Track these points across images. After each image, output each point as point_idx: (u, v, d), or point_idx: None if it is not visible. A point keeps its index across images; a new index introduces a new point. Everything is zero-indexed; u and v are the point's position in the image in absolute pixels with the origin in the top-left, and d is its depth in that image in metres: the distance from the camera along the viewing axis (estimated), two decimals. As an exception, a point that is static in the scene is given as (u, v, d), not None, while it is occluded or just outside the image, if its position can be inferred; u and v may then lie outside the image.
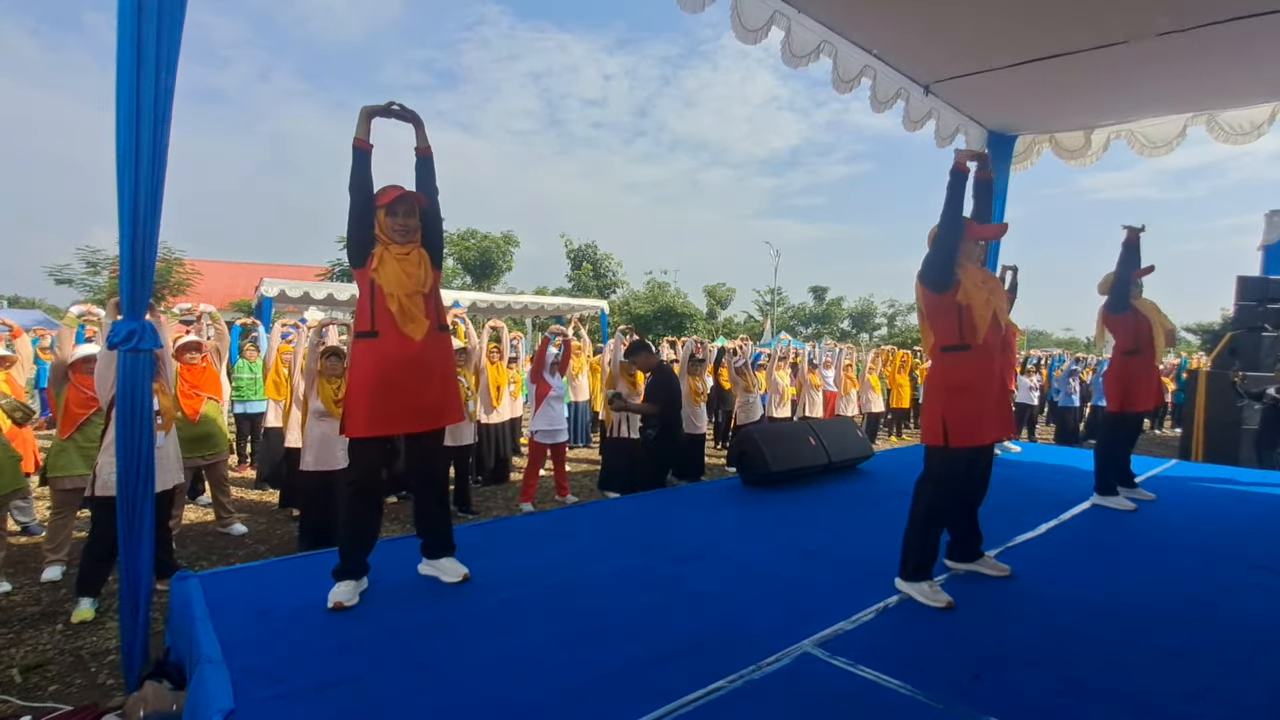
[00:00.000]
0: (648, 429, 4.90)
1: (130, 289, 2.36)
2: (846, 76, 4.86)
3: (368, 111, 2.49)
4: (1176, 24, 4.16)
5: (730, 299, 35.23)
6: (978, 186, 2.87)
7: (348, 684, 1.90)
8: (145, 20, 2.21)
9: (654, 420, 4.80)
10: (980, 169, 2.84)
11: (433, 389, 2.50)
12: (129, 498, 2.44)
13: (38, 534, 4.83)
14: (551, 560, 3.04)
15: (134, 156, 2.26)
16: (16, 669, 2.99)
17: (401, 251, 2.48)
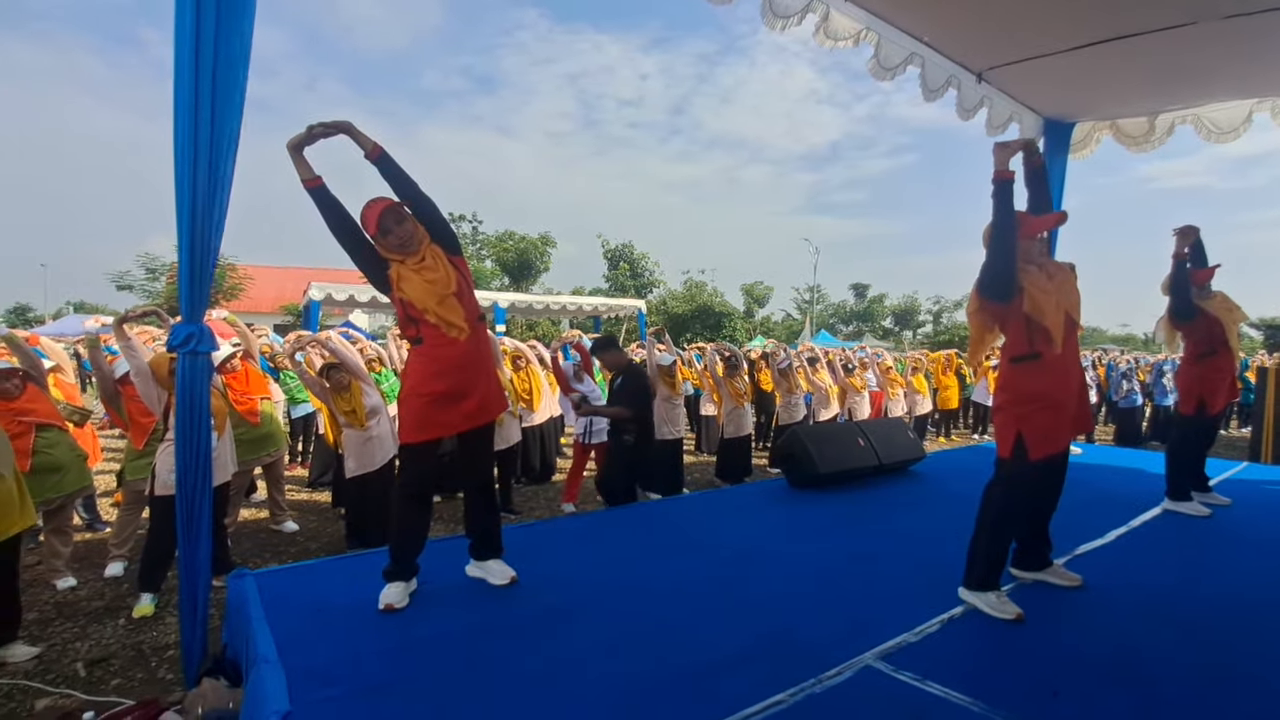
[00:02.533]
0: (624, 434, 4.50)
1: (189, 294, 2.41)
2: (888, 64, 4.69)
3: (292, 147, 2.34)
4: (1242, 7, 3.92)
5: (768, 297, 34.91)
6: (1030, 176, 2.71)
7: (401, 686, 1.89)
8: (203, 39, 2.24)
9: (629, 425, 4.44)
10: (1028, 158, 2.68)
11: (479, 386, 2.48)
12: (187, 496, 2.49)
13: (101, 530, 5.03)
14: (598, 563, 3.00)
15: (191, 166, 2.29)
16: (81, 663, 3.09)
17: (416, 262, 2.40)
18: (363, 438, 4.60)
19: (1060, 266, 2.54)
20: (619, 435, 4.48)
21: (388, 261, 2.39)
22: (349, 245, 2.38)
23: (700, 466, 7.89)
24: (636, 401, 4.39)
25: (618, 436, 4.48)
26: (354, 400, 4.55)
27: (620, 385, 4.44)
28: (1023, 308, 2.42)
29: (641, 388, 4.51)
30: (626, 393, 4.38)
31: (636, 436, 4.42)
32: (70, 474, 3.80)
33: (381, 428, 4.69)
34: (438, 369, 2.40)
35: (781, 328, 33.28)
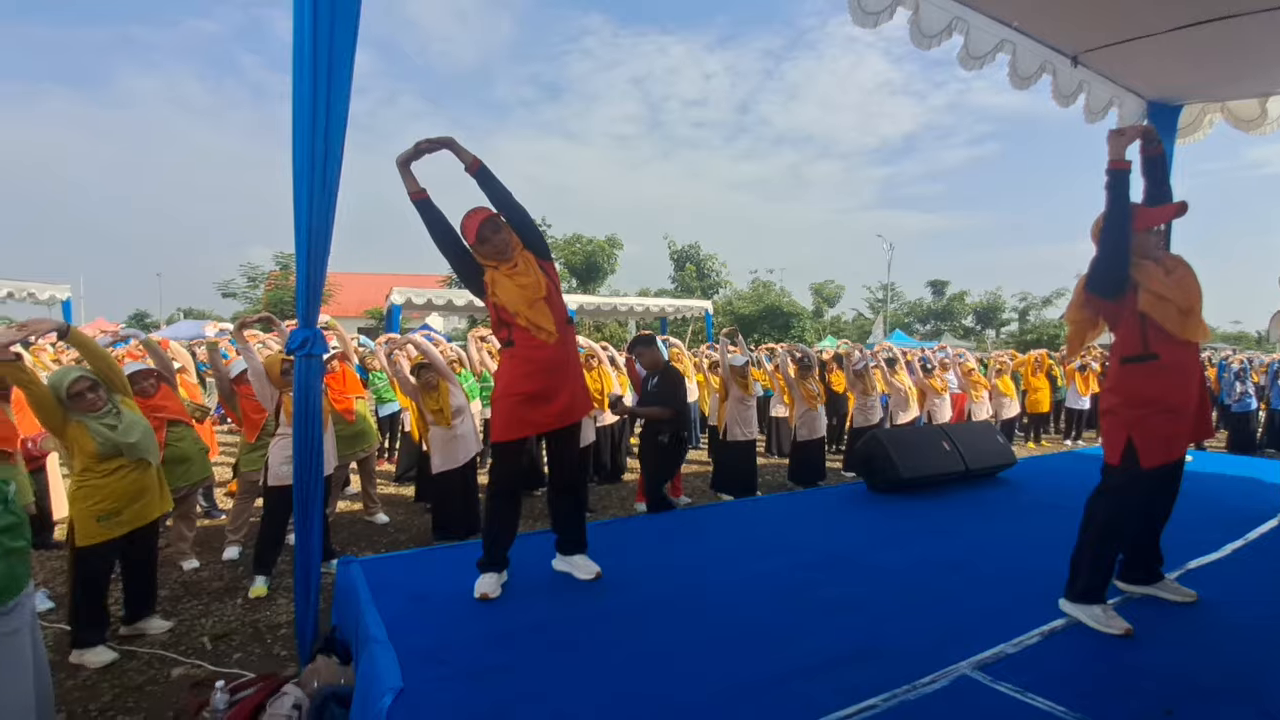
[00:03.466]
0: (659, 435, 4.47)
1: (304, 302, 2.61)
2: (978, 53, 4.51)
3: (401, 163, 2.50)
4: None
5: (839, 296, 34.01)
6: (1148, 165, 2.54)
7: (501, 672, 1.99)
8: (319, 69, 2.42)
9: (664, 426, 4.41)
10: (1146, 146, 2.52)
11: (566, 387, 2.57)
12: (302, 487, 2.70)
13: (218, 517, 5.50)
14: (679, 561, 3.04)
15: (309, 185, 2.49)
16: (206, 637, 3.40)
17: (509, 268, 2.52)
18: (448, 436, 4.82)
19: (1179, 261, 2.39)
20: (654, 436, 4.48)
21: (483, 268, 2.52)
22: (449, 253, 2.53)
23: (771, 469, 7.81)
24: (671, 402, 4.38)
25: (652, 437, 4.49)
26: (441, 400, 4.78)
27: (656, 385, 4.43)
28: (1137, 305, 2.29)
29: (677, 388, 4.50)
30: (662, 393, 4.37)
31: (671, 437, 4.42)
32: (195, 465, 4.18)
33: (465, 427, 4.91)
34: (527, 370, 2.51)
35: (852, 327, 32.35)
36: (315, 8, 2.39)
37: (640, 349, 4.65)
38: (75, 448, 2.86)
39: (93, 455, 2.86)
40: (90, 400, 2.88)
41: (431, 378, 4.83)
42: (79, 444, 2.85)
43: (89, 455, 2.86)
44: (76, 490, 2.92)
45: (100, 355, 3.08)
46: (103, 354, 3.12)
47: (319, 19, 2.41)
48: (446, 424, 4.80)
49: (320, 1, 2.38)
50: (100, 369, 3.02)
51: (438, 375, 4.85)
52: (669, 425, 4.39)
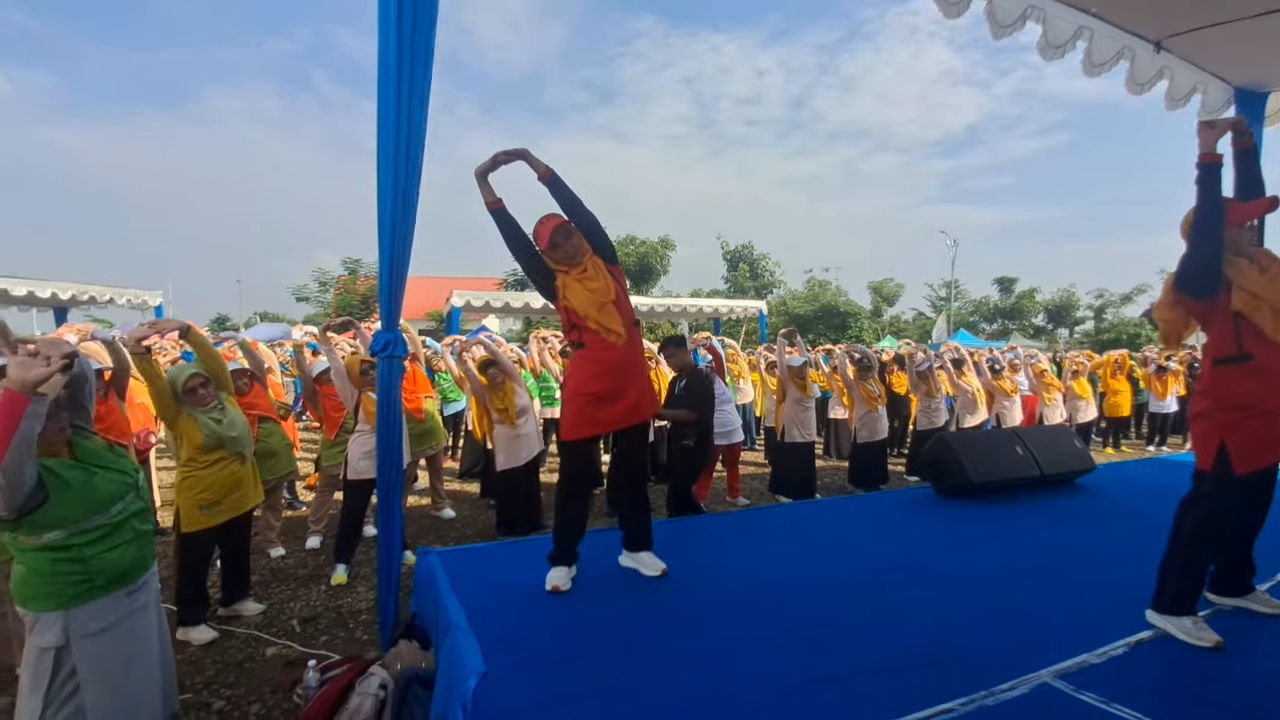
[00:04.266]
0: (684, 438, 4.50)
1: (387, 307, 2.77)
2: (1056, 42, 4.35)
3: (479, 174, 2.63)
4: None
5: (898, 295, 32.98)
6: (1240, 158, 2.41)
7: (574, 661, 2.08)
8: (402, 77, 2.57)
9: (690, 428, 4.42)
10: (1238, 139, 2.39)
11: (633, 388, 2.64)
12: (385, 481, 2.86)
13: (299, 509, 5.84)
14: (743, 561, 3.07)
15: (391, 196, 2.64)
16: (296, 620, 3.63)
17: (579, 272, 2.60)
18: (512, 435, 4.97)
19: (1274, 258, 2.26)
20: (679, 438, 4.49)
21: (555, 272, 2.62)
22: (522, 258, 2.64)
23: (830, 471, 7.69)
24: (699, 404, 4.38)
25: (678, 439, 4.49)
26: (507, 399, 4.94)
27: (684, 388, 4.45)
28: (1230, 304, 2.18)
29: (705, 391, 4.51)
30: (689, 395, 4.39)
31: (696, 440, 4.43)
32: (282, 459, 4.46)
33: (529, 426, 5.05)
34: (596, 371, 2.59)
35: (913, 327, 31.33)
36: (399, 28, 2.54)
37: (671, 350, 4.71)
38: (184, 439, 3.12)
39: (199, 446, 3.11)
40: (201, 395, 3.14)
41: (498, 377, 5.00)
42: (188, 435, 3.11)
43: (195, 446, 3.11)
44: (182, 481, 3.18)
45: (213, 354, 3.35)
46: (215, 354, 3.39)
47: (402, 38, 2.55)
48: (511, 423, 4.95)
49: (404, 21, 2.53)
50: (211, 367, 3.28)
51: (504, 375, 5.01)
52: (694, 428, 4.43)
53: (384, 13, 2.55)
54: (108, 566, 2.07)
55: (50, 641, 2.01)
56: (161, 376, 3.07)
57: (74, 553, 2.02)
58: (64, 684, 2.03)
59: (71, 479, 2.02)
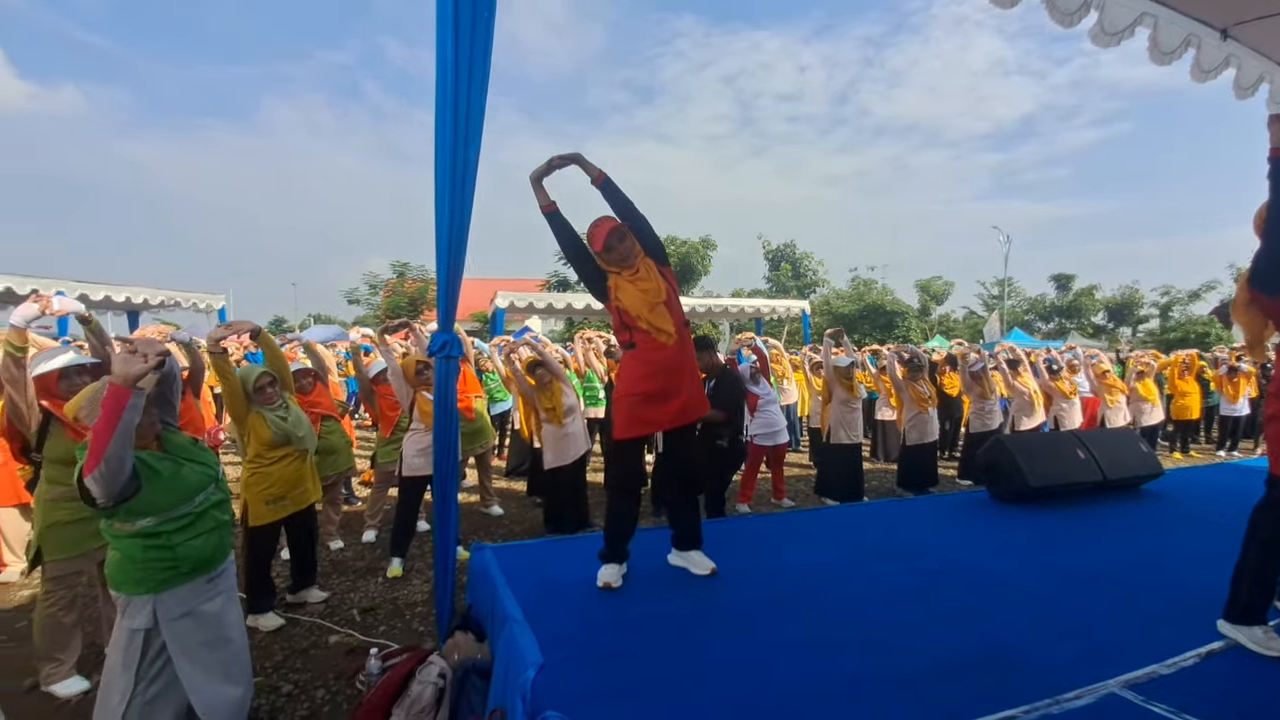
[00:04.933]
0: (718, 439, 4.47)
1: (444, 308, 2.87)
2: (1114, 29, 4.18)
3: (535, 178, 2.66)
4: None
5: (948, 293, 32.01)
6: None
7: (627, 656, 2.11)
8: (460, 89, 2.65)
9: (723, 429, 4.40)
10: None
11: (684, 388, 2.66)
12: (441, 478, 2.96)
13: (355, 504, 6.06)
14: (792, 562, 3.05)
15: (449, 204, 2.73)
16: (356, 610, 3.78)
17: (631, 274, 2.64)
18: (560, 434, 5.05)
19: None
20: (712, 439, 4.46)
21: (607, 273, 2.66)
22: (575, 259, 2.69)
23: (877, 474, 7.56)
24: (730, 405, 4.37)
25: (710, 440, 4.47)
26: (554, 399, 5.02)
27: (714, 388, 4.44)
28: None
29: (735, 391, 4.51)
30: (720, 396, 4.38)
31: (729, 440, 4.41)
32: (342, 456, 4.65)
33: (576, 425, 5.13)
34: (646, 371, 2.62)
35: (963, 326, 30.39)
36: (456, 42, 2.61)
37: (699, 352, 4.73)
38: (252, 435, 3.29)
39: (266, 443, 3.28)
40: (269, 394, 3.31)
41: (545, 377, 5.08)
42: (256, 432, 3.28)
43: (263, 443, 3.28)
44: (250, 477, 3.35)
45: (279, 355, 3.53)
46: (281, 354, 3.57)
47: (459, 51, 2.63)
48: (559, 422, 5.03)
49: (460, 35, 2.61)
50: (277, 367, 3.46)
51: (551, 375, 5.09)
52: (726, 428, 4.44)
53: (442, 28, 2.63)
54: (192, 554, 2.20)
55: (141, 623, 2.15)
56: (234, 375, 3.25)
57: (162, 540, 2.16)
58: (152, 663, 2.17)
59: (161, 469, 2.17)
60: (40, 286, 12.11)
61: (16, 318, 2.67)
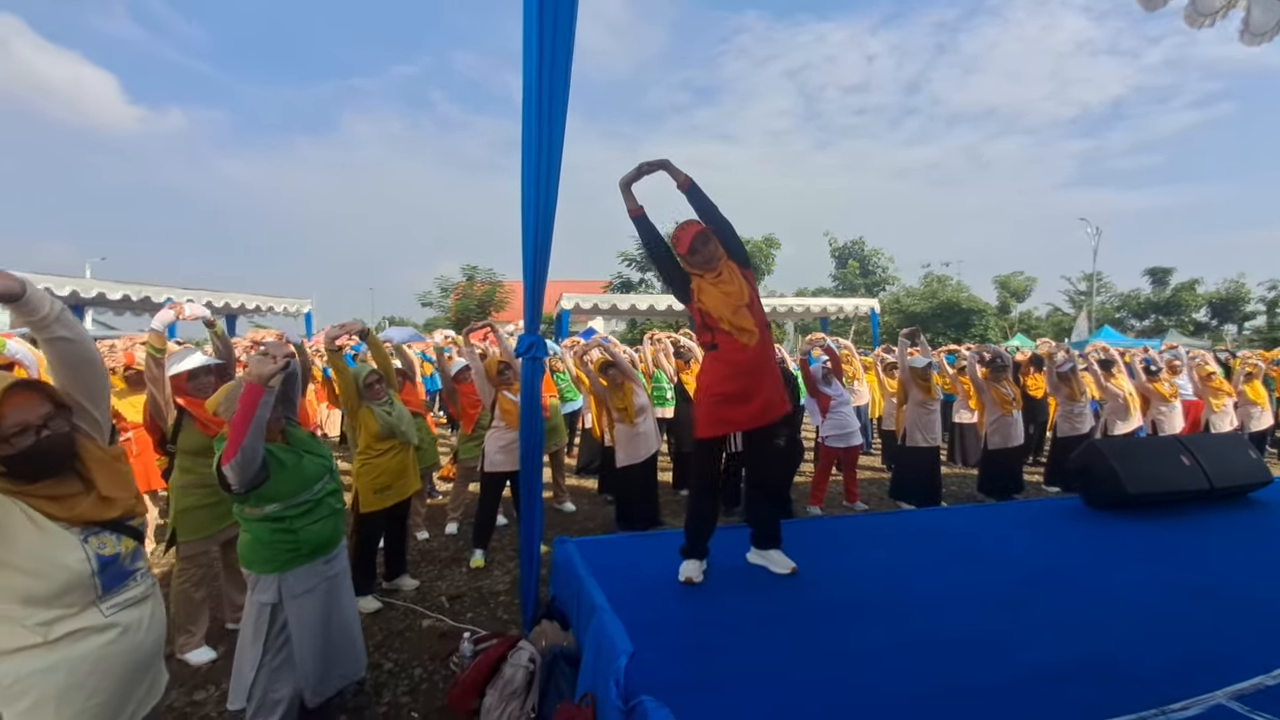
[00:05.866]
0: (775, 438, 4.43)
1: (530, 312, 3.00)
2: (1207, 9, 3.92)
3: (624, 184, 2.75)
4: None
5: (1029, 289, 30.37)
6: None
7: (711, 650, 2.17)
8: (543, 102, 2.78)
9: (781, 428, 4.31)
10: None
11: (764, 388, 2.70)
12: (528, 475, 3.09)
13: (436, 497, 6.37)
14: (873, 565, 3.03)
15: (534, 210, 2.85)
16: (444, 597, 4.00)
17: (714, 276, 2.69)
18: (631, 433, 5.16)
19: None
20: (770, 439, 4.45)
21: (690, 276, 2.73)
22: (659, 262, 2.77)
23: (955, 478, 7.30)
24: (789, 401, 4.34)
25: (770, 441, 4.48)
26: (626, 399, 5.13)
27: None
28: None
29: (790, 388, 4.42)
30: None
31: (786, 440, 4.36)
32: (428, 451, 4.91)
33: (648, 425, 5.22)
34: (728, 372, 2.67)
35: (1046, 324, 28.76)
36: (540, 55, 2.74)
37: None
38: (362, 429, 3.54)
39: (374, 435, 3.53)
40: (377, 390, 3.57)
41: (617, 378, 5.20)
42: (365, 425, 3.53)
43: (371, 435, 3.53)
44: (360, 468, 3.61)
45: (384, 355, 3.80)
46: (386, 354, 3.83)
47: (543, 63, 2.75)
48: (630, 422, 5.14)
49: (544, 48, 2.73)
50: (383, 366, 3.72)
51: (623, 376, 5.21)
52: (783, 428, 4.37)
53: (527, 37, 2.75)
54: (312, 537, 2.42)
55: (268, 599, 2.38)
56: (348, 371, 3.52)
57: (286, 524, 2.38)
58: (278, 635, 2.40)
59: (286, 460, 2.39)
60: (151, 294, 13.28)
61: (157, 323, 2.99)
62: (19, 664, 1.28)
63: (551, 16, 2.70)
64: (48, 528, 1.32)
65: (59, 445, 1.35)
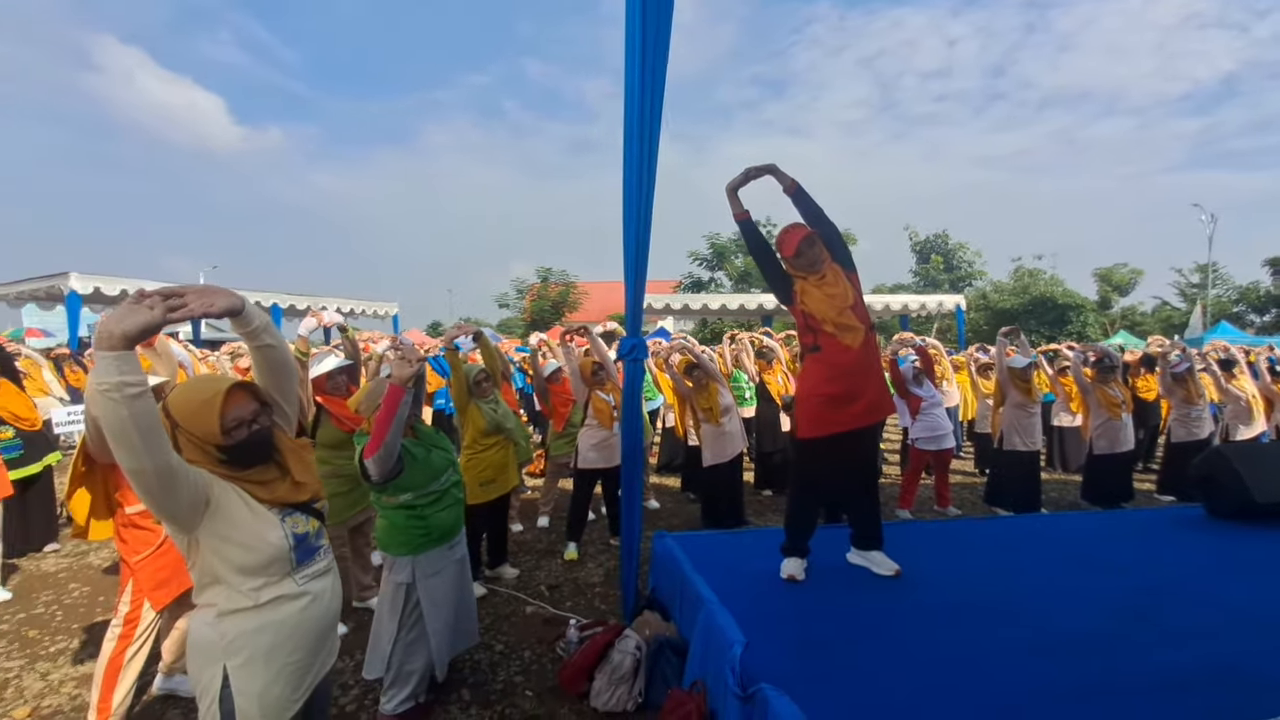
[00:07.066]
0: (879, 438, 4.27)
1: (632, 316, 3.14)
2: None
3: (731, 189, 2.81)
4: None
5: (1134, 283, 28.13)
6: None
7: (818, 646, 2.23)
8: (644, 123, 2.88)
9: None
10: None
11: (869, 389, 2.71)
12: (629, 472, 3.24)
13: (524, 492, 6.64)
14: (974, 569, 2.99)
15: (635, 219, 2.98)
16: (544, 586, 4.20)
17: (818, 279, 2.72)
18: (717, 433, 5.22)
19: None
20: None
21: (793, 278, 2.78)
22: (763, 264, 2.84)
23: (1055, 485, 6.95)
24: None
25: None
26: (711, 399, 5.21)
27: None
28: None
29: None
30: None
31: None
32: (523, 448, 5.15)
33: (733, 425, 5.26)
34: (831, 374, 2.70)
35: (1153, 320, 26.58)
36: (642, 66, 2.84)
37: None
38: (470, 424, 3.80)
39: (481, 431, 3.77)
40: (484, 388, 3.82)
41: (702, 378, 5.28)
42: (473, 421, 3.78)
43: (479, 431, 3.78)
44: (467, 462, 3.86)
45: (494, 354, 4.06)
46: (495, 355, 4.09)
47: (645, 73, 2.86)
48: (716, 421, 5.20)
49: (646, 57, 2.83)
50: (491, 366, 3.97)
51: (707, 377, 5.28)
52: None
53: (630, 44, 2.85)
54: (439, 524, 2.64)
55: (403, 579, 2.62)
56: (464, 369, 3.79)
57: (418, 512, 2.61)
58: (411, 613, 2.63)
59: (417, 454, 2.62)
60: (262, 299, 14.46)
61: (302, 329, 3.33)
62: (237, 623, 1.51)
63: (654, 32, 2.81)
64: (256, 508, 1.54)
65: (265, 437, 1.58)
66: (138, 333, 1.24)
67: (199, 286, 1.37)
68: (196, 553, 1.48)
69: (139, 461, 1.27)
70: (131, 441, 1.24)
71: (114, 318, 1.24)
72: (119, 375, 1.21)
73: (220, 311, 1.40)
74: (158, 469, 1.30)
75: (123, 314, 1.24)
